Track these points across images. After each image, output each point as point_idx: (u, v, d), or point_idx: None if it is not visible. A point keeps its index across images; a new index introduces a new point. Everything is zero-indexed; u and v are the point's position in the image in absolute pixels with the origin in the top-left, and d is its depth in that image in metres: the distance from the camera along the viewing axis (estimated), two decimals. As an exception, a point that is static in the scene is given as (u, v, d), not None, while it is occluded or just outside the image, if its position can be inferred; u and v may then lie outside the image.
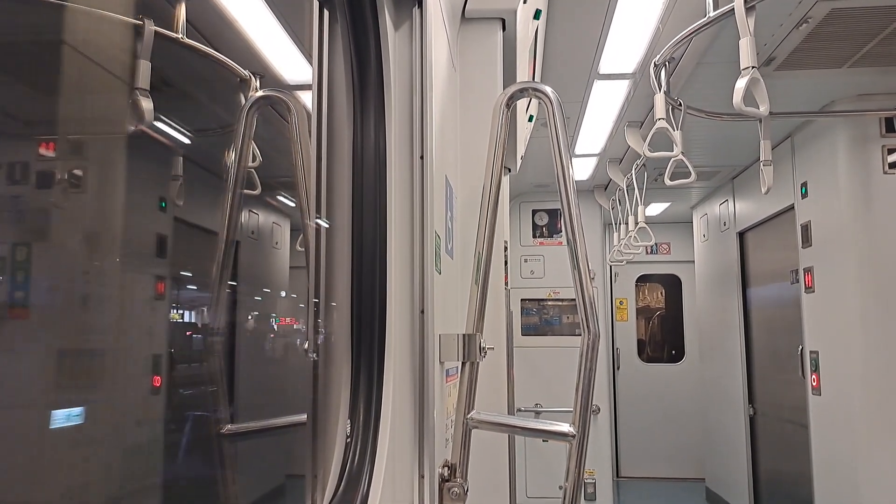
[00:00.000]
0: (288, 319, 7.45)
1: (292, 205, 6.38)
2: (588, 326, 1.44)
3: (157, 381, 4.44)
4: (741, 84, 2.38)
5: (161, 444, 4.52)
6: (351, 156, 1.38)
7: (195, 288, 6.28)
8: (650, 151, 3.19)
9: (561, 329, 6.47)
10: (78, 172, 4.00)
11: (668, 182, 3.34)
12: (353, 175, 1.37)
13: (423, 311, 1.38)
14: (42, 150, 3.91)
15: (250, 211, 5.96)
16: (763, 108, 2.52)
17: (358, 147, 1.38)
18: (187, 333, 5.84)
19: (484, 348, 1.65)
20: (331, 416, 1.34)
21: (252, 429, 1.68)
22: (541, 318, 6.45)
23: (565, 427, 1.42)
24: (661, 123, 2.97)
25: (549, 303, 6.47)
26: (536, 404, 6.22)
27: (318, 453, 1.36)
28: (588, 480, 6.23)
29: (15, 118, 3.75)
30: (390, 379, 1.33)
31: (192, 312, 6.12)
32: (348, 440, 1.25)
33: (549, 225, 6.52)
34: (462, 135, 2.04)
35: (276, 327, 6.82)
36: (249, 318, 6.14)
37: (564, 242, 6.18)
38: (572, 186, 1.48)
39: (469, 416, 1.64)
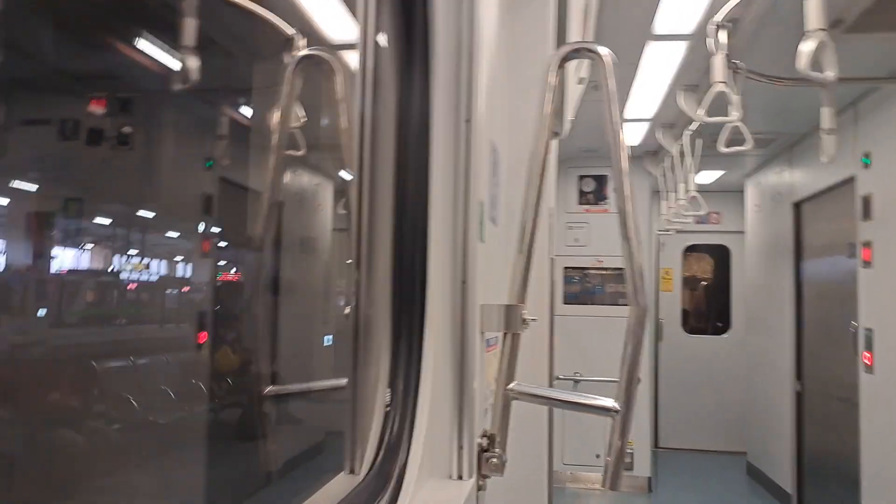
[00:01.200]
0: (328, 282, 7.52)
1: (336, 166, 6.39)
2: (637, 300, 1.39)
3: (203, 336, 4.53)
4: (807, 47, 2.25)
5: (204, 404, 4.62)
6: (396, 118, 1.34)
7: (239, 247, 6.39)
8: (707, 116, 3.06)
9: (603, 298, 6.39)
10: (127, 130, 4.05)
11: (722, 149, 3.21)
12: (398, 138, 1.33)
13: (464, 282, 1.34)
14: (93, 108, 3.96)
15: (294, 172, 5.98)
16: (829, 74, 2.39)
17: (403, 109, 1.34)
18: (231, 292, 5.96)
19: (526, 319, 1.61)
20: (371, 382, 1.32)
21: (293, 391, 1.68)
22: (583, 287, 6.37)
23: (609, 401, 1.37)
24: (720, 87, 2.85)
25: (593, 271, 6.38)
26: (576, 373, 6.18)
27: (357, 419, 1.35)
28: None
29: (66, 75, 3.79)
30: (430, 348, 1.30)
31: (236, 270, 6.23)
32: (388, 408, 1.23)
33: (595, 191, 6.39)
34: (510, 97, 1.98)
35: (315, 289, 6.88)
36: (292, 278, 6.21)
37: (615, 211, 6.08)
38: (625, 153, 1.42)
39: (509, 387, 1.61)
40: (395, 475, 1.17)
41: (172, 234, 4.70)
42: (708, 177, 7.05)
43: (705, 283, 8.45)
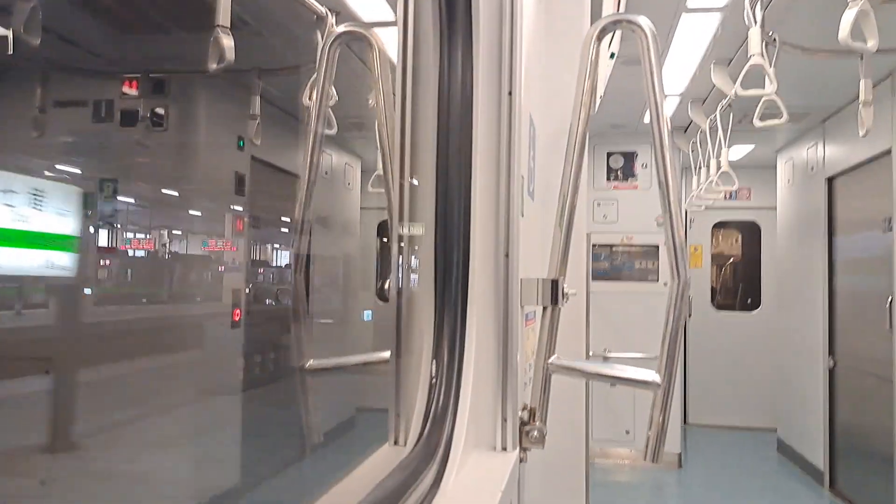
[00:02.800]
0: (357, 259, 7.57)
1: (363, 145, 6.39)
2: (678, 272, 1.39)
3: (237, 314, 4.60)
4: (849, 16, 2.20)
5: (240, 380, 4.71)
6: (436, 92, 1.34)
7: (272, 225, 6.42)
8: (742, 90, 3.02)
9: (631, 275, 6.35)
10: (160, 111, 4.09)
11: (757, 123, 3.16)
12: (439, 113, 1.33)
13: (507, 255, 1.35)
14: (126, 89, 4.01)
15: (324, 151, 6.01)
16: (871, 44, 2.33)
17: (444, 84, 1.34)
18: (268, 270, 6.01)
19: (566, 293, 1.61)
20: (414, 355, 1.34)
21: (335, 365, 1.70)
22: (611, 264, 6.34)
23: (650, 375, 1.38)
24: (756, 60, 2.80)
25: (621, 248, 6.35)
26: (605, 349, 6.17)
27: (401, 392, 1.37)
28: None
29: (100, 56, 3.83)
30: (473, 322, 1.32)
31: (271, 249, 6.28)
32: (433, 379, 1.25)
33: (624, 168, 6.34)
34: (545, 71, 1.97)
35: (345, 267, 6.94)
36: (324, 257, 6.26)
37: (644, 187, 6.01)
38: (666, 126, 1.41)
39: (549, 361, 1.62)
40: (441, 446, 1.19)
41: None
42: (738, 152, 6.95)
43: (735, 259, 8.36)
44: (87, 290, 4.10)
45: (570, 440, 2.13)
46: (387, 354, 1.48)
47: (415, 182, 1.35)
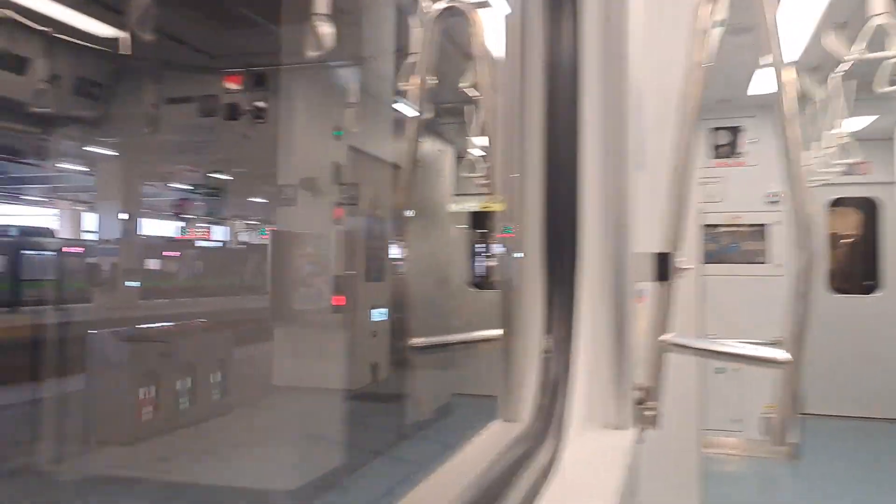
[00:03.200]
0: (448, 248, 7.59)
1: (455, 131, 6.38)
2: (805, 244, 1.29)
3: (341, 300, 4.71)
4: None
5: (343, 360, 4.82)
6: (543, 61, 1.30)
7: (370, 213, 6.52)
8: (866, 52, 2.80)
9: (738, 257, 6.06)
10: (261, 104, 4.21)
11: (883, 88, 2.93)
12: (546, 81, 1.29)
13: (619, 227, 1.30)
14: (228, 84, 4.15)
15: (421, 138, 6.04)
16: None
17: (551, 51, 1.29)
18: (371, 255, 6.10)
19: (681, 268, 1.54)
20: (525, 332, 1.32)
21: (442, 342, 1.69)
22: (717, 245, 6.07)
23: (778, 353, 1.29)
24: (881, 19, 2.59)
25: (728, 229, 6.06)
26: (707, 336, 5.93)
27: (512, 369, 1.34)
28: (768, 415, 5.90)
29: (202, 52, 3.98)
30: (584, 297, 1.28)
31: (369, 235, 6.36)
32: (548, 354, 1.22)
33: (730, 144, 6.04)
34: (652, 36, 1.88)
35: (436, 256, 6.96)
36: (418, 242, 6.30)
37: (752, 164, 5.68)
38: (791, 94, 1.31)
39: (663, 338, 1.55)
40: (556, 423, 1.16)
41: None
42: (857, 123, 6.49)
43: (851, 239, 7.84)
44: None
45: (681, 426, 2.04)
46: (497, 332, 1.46)
47: (523, 150, 1.32)
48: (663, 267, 1.51)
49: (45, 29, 3.31)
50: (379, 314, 5.89)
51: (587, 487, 1.04)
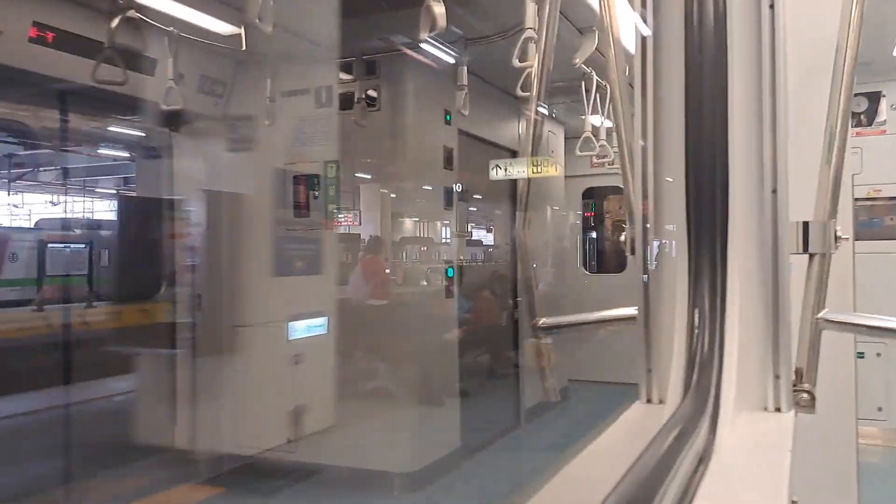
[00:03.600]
0: (561, 232, 7.44)
1: (565, 110, 6.22)
2: None
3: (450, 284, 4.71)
4: None
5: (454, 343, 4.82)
6: (682, 21, 1.19)
7: (480, 199, 6.45)
8: None
9: (880, 233, 5.58)
10: (372, 94, 4.24)
11: None
12: (686, 42, 1.19)
13: (774, 191, 1.18)
14: (342, 74, 4.20)
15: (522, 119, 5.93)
16: None
17: (690, 10, 1.19)
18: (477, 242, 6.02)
19: (839, 237, 1.40)
20: (668, 308, 1.23)
21: (570, 322, 1.63)
22: (855, 220, 5.61)
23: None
24: None
25: (867, 203, 5.59)
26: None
27: (652, 348, 1.26)
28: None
29: (316, 44, 4.05)
30: (735, 268, 1.17)
31: (485, 220, 6.28)
32: (695, 334, 1.13)
33: (868, 111, 5.55)
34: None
35: (550, 241, 6.84)
36: (536, 224, 6.19)
37: (893, 132, 5.17)
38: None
39: (820, 315, 1.42)
40: (709, 405, 1.07)
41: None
42: None
43: None
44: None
45: (837, 411, 1.88)
46: (631, 311, 1.38)
47: (658, 111, 1.23)
48: (819, 236, 1.38)
49: (169, 29, 3.47)
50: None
51: (750, 473, 0.95)
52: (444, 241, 5.13)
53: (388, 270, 5.12)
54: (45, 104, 5.42)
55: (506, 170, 4.61)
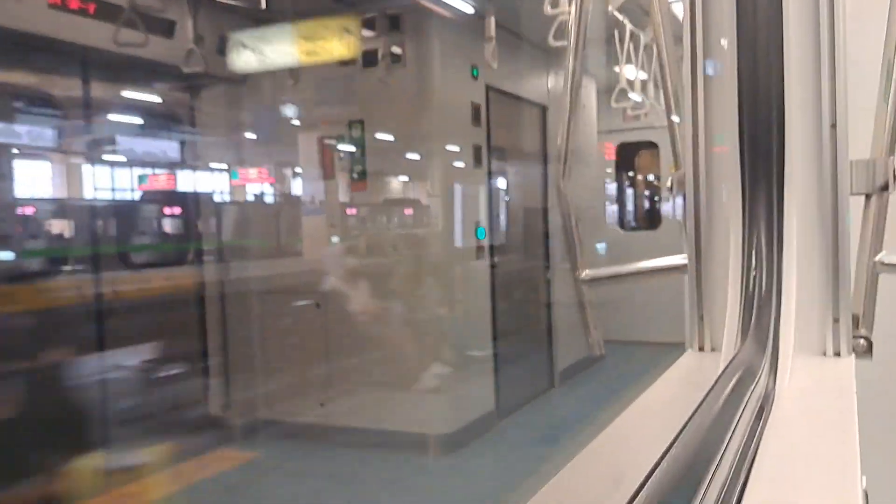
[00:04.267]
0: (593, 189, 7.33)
1: (596, 61, 6.05)
2: None
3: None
4: None
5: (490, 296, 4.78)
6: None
7: (512, 157, 6.35)
8: None
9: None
10: (397, 49, 4.15)
11: None
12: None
13: (833, 126, 1.11)
14: (365, 31, 4.12)
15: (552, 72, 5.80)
16: None
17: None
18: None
19: (897, 176, 1.33)
20: (717, 252, 1.18)
21: (615, 273, 1.58)
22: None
23: None
24: None
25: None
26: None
27: (703, 295, 1.21)
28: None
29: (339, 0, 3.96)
30: (792, 208, 1.11)
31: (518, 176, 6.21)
32: (754, 273, 1.08)
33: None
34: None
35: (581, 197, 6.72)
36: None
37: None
38: None
39: (877, 258, 1.35)
40: (767, 351, 1.03)
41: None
42: None
43: None
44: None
45: (892, 359, 1.81)
46: (679, 259, 1.33)
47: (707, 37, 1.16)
48: (878, 176, 1.30)
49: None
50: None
51: (818, 418, 0.90)
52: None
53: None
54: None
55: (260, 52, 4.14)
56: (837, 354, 1.13)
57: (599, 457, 0.82)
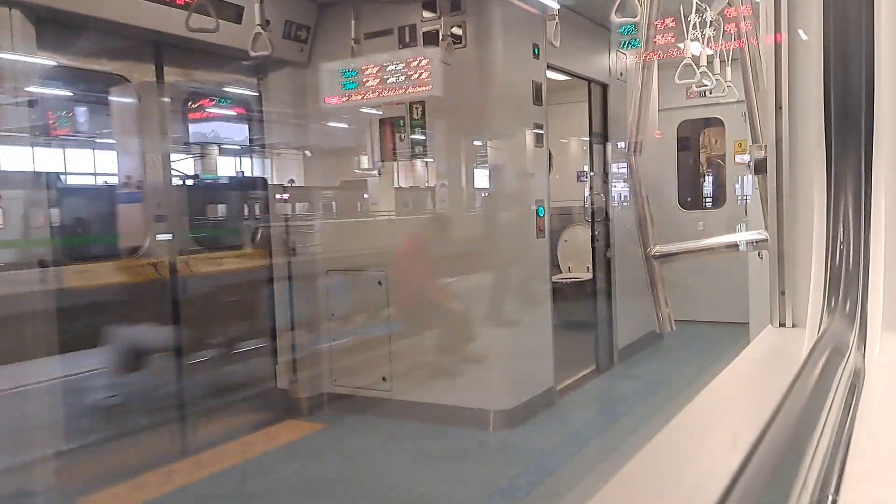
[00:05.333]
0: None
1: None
2: None
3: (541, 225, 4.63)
4: None
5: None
6: None
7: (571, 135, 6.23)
8: None
9: None
10: (457, 31, 4.13)
11: None
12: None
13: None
14: (425, 13, 4.11)
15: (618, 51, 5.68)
16: None
17: None
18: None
19: None
20: (801, 227, 1.14)
21: (686, 249, 1.55)
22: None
23: None
24: None
25: None
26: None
27: (785, 270, 1.18)
28: None
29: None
30: (881, 177, 1.07)
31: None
32: (841, 246, 1.04)
33: None
34: None
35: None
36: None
37: None
38: None
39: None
40: (855, 325, 0.99)
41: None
42: None
43: None
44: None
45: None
46: (758, 234, 1.29)
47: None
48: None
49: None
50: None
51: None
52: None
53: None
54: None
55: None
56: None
57: (686, 434, 0.80)
